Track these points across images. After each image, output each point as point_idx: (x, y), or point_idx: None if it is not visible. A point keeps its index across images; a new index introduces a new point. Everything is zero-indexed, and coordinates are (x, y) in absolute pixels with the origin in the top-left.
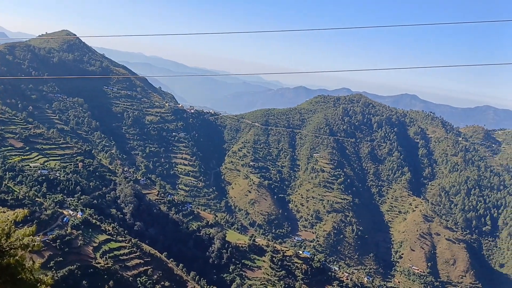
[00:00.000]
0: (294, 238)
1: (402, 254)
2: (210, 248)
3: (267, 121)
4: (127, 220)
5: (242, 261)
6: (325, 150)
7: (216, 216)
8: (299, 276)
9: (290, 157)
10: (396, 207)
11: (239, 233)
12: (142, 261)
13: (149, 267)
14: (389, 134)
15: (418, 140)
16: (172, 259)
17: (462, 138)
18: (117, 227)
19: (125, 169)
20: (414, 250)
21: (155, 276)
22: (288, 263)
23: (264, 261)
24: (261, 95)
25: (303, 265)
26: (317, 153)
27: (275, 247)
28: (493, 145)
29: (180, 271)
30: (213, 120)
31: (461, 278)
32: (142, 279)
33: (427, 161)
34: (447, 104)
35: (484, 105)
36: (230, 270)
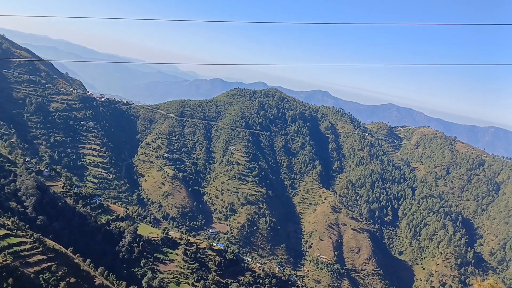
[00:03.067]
0: (209, 231)
1: (312, 244)
2: (121, 242)
3: (183, 112)
4: (29, 214)
5: (154, 254)
6: (240, 143)
7: (128, 209)
8: (213, 268)
9: (206, 149)
10: (307, 199)
11: (151, 226)
12: (45, 257)
13: (53, 263)
14: (302, 128)
15: (328, 135)
16: (78, 254)
17: (368, 134)
18: (17, 221)
19: (26, 159)
20: (322, 240)
21: (60, 273)
22: (201, 256)
23: (177, 254)
24: (176, 86)
25: (217, 257)
26: (232, 145)
27: (189, 240)
28: (395, 141)
29: (87, 266)
30: (125, 109)
31: (365, 265)
32: (45, 276)
33: (337, 155)
34: (355, 101)
35: (388, 103)
36: (142, 264)
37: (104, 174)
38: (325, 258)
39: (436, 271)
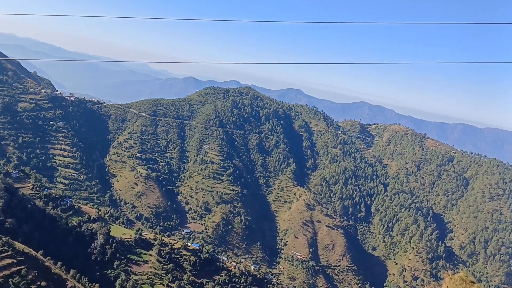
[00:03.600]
0: (183, 230)
1: (287, 241)
2: (93, 244)
3: (155, 111)
4: None
5: (128, 256)
6: (214, 141)
7: (100, 210)
8: (188, 268)
9: (179, 149)
10: (282, 197)
11: (124, 227)
12: (14, 260)
13: (22, 267)
14: (276, 126)
15: (302, 133)
16: (49, 257)
17: (341, 131)
18: None
19: None
20: (297, 237)
21: (30, 276)
22: (176, 256)
23: (151, 255)
24: (149, 85)
25: (192, 257)
26: (206, 144)
27: (163, 240)
28: (368, 138)
29: (59, 269)
30: (96, 109)
31: (339, 261)
32: (15, 280)
33: (310, 153)
34: (328, 100)
35: (360, 101)
36: (115, 266)
37: (75, 175)
38: (300, 256)
39: (408, 266)
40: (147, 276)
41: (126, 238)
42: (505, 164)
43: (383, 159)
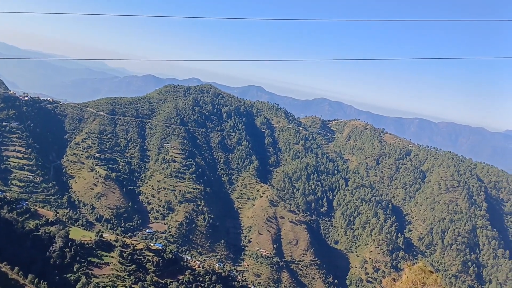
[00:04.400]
0: (145, 231)
1: (251, 238)
2: (51, 247)
3: (114, 110)
4: None
5: (88, 258)
6: (176, 140)
7: (57, 212)
8: (151, 268)
9: (140, 148)
10: (245, 194)
11: (84, 229)
12: None
13: None
14: (238, 124)
15: (264, 130)
16: (5, 262)
17: (303, 127)
18: None
19: None
20: (261, 234)
21: None
22: (139, 257)
23: (112, 257)
24: (106, 83)
25: (155, 257)
26: (168, 143)
27: (125, 241)
28: (328, 134)
29: (16, 275)
30: (51, 108)
31: (303, 256)
32: None
33: (273, 150)
34: (289, 96)
35: (320, 98)
36: (75, 270)
37: (31, 177)
38: (265, 252)
39: (369, 258)
40: (109, 279)
41: (86, 241)
42: (460, 156)
43: (344, 154)
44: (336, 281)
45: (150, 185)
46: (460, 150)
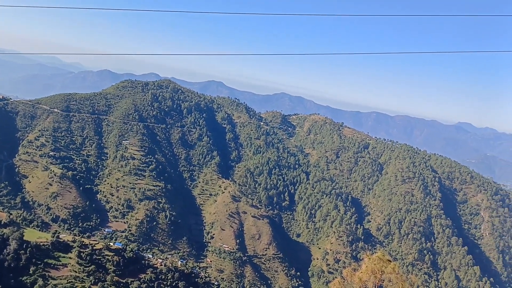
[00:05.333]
0: (105, 230)
1: (214, 234)
2: (5, 250)
3: (69, 106)
4: None
5: (45, 260)
6: (135, 136)
7: (11, 214)
8: (111, 268)
9: (97, 145)
10: (207, 190)
11: (39, 230)
12: None
13: None
14: (199, 119)
15: (225, 125)
16: None
17: (264, 122)
18: None
19: None
20: (224, 230)
21: None
22: (98, 257)
23: (70, 257)
24: (59, 79)
25: (115, 256)
26: (126, 140)
27: (83, 241)
28: (289, 129)
29: None
30: (1, 106)
31: (265, 250)
32: None
33: (234, 145)
34: (250, 91)
35: (280, 93)
36: (31, 272)
37: None
38: (227, 247)
39: (330, 250)
40: (67, 280)
41: (42, 242)
42: (415, 148)
43: (305, 148)
44: (298, 273)
45: (108, 184)
46: (415, 143)
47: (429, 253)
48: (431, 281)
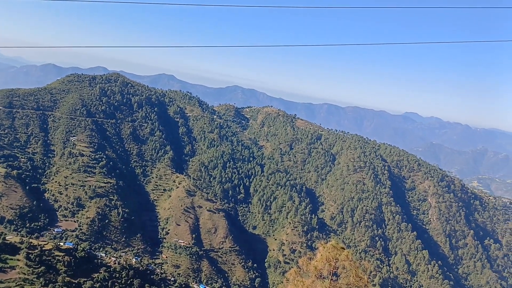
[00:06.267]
0: (54, 230)
1: (169, 230)
2: None
3: (11, 102)
4: None
5: None
6: (83, 132)
7: None
8: (62, 269)
9: (43, 143)
10: (160, 185)
11: None
12: None
13: None
14: (150, 114)
15: (178, 119)
16: None
17: (217, 116)
18: None
19: None
20: (179, 225)
21: None
22: (48, 258)
23: (18, 259)
24: (0, 74)
25: (66, 257)
26: (74, 136)
27: (31, 242)
28: (243, 121)
29: None
30: None
31: (222, 244)
32: None
33: (187, 139)
34: (202, 84)
35: (233, 85)
36: None
37: None
38: (183, 242)
39: (286, 240)
40: (16, 283)
41: None
42: (365, 138)
43: (259, 140)
44: (255, 265)
45: (56, 182)
46: (365, 133)
47: (381, 239)
48: (383, 266)
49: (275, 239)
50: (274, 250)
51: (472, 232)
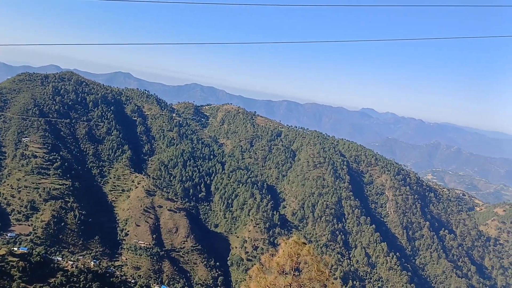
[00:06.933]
0: (7, 235)
1: (128, 231)
2: None
3: None
4: None
5: None
6: (36, 133)
7: None
8: (16, 275)
9: None
10: (119, 186)
11: None
12: None
13: None
14: (106, 113)
15: (136, 118)
16: None
17: (176, 114)
18: None
19: None
20: (139, 225)
21: None
22: (1, 264)
23: None
24: None
25: (20, 262)
26: (26, 137)
27: None
28: (202, 119)
29: None
30: None
31: (183, 243)
32: None
33: (146, 138)
34: (160, 82)
35: (192, 83)
36: None
37: None
38: (143, 243)
39: (248, 237)
40: None
41: None
42: (324, 135)
43: (219, 138)
44: (217, 263)
45: (8, 185)
46: (324, 129)
47: (341, 233)
48: (344, 259)
49: (237, 237)
50: (236, 247)
51: (428, 224)
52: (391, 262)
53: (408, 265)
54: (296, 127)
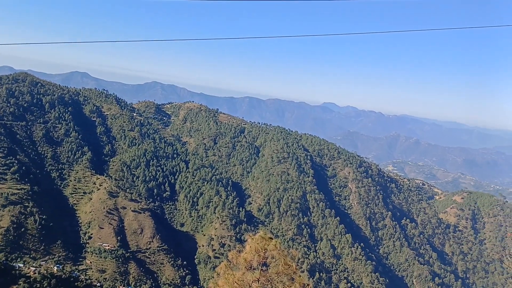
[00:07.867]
0: None
1: (91, 234)
2: None
3: None
4: None
5: None
6: None
7: None
8: None
9: None
10: (80, 188)
11: None
12: None
13: None
14: (64, 114)
15: (95, 118)
16: None
17: (137, 113)
18: None
19: None
20: (103, 228)
21: None
22: None
23: None
24: None
25: None
26: None
27: None
28: (164, 118)
29: None
30: None
31: (149, 244)
32: None
33: (106, 139)
34: (119, 81)
35: (152, 81)
36: None
37: None
38: (108, 246)
39: (215, 235)
40: None
41: None
42: (287, 130)
43: (182, 137)
44: (185, 262)
45: None
46: (287, 124)
47: (307, 227)
48: (310, 252)
49: (204, 235)
50: (203, 246)
51: (390, 214)
52: (356, 252)
53: (373, 255)
54: (259, 123)
